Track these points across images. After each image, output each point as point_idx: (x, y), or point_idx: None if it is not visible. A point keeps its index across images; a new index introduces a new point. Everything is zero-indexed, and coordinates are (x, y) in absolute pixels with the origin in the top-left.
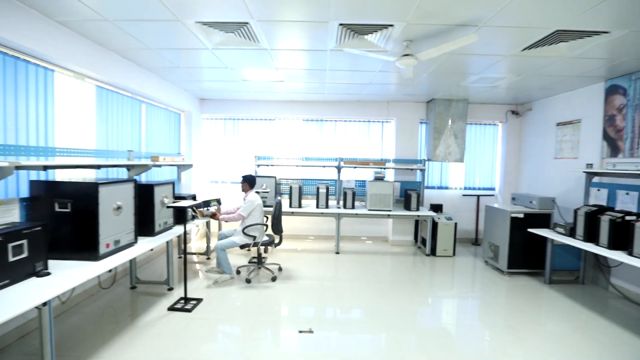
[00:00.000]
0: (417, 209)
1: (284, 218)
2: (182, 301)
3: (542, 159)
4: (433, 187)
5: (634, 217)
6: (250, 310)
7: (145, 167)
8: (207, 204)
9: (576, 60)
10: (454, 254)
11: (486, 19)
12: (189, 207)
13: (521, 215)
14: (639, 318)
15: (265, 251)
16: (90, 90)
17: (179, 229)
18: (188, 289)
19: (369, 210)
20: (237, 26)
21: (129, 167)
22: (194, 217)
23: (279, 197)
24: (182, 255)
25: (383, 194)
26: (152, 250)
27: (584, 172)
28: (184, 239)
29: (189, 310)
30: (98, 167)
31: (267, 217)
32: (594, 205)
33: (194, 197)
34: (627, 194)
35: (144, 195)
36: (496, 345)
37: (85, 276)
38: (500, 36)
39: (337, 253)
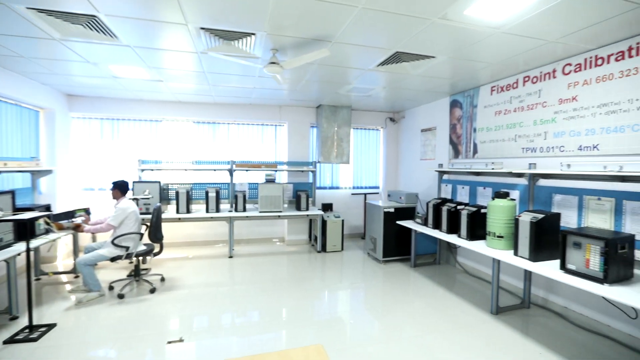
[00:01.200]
0: (307, 209)
1: (174, 225)
2: (27, 330)
3: (412, 160)
4: (325, 188)
5: (462, 207)
6: (118, 328)
7: None
8: (70, 214)
9: (424, 78)
10: (342, 248)
11: (335, 36)
12: (31, 219)
13: (392, 210)
14: (473, 287)
15: (144, 262)
16: None
17: (20, 246)
18: (44, 314)
19: (261, 212)
20: (85, 18)
21: None
22: (48, 231)
23: (158, 203)
24: (40, 277)
25: (274, 196)
26: None
27: (436, 170)
28: (28, 256)
29: (34, 340)
30: None
31: (147, 225)
32: (440, 199)
33: (47, 208)
34: (463, 188)
35: None
36: (377, 323)
37: None
38: (352, 52)
39: (231, 257)
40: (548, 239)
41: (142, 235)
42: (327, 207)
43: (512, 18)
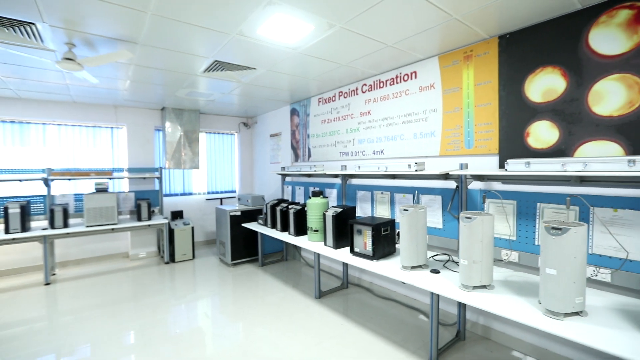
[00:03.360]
0: (150, 218)
1: None
2: None
3: (264, 163)
4: (176, 194)
5: (292, 206)
6: None
7: None
8: None
9: (262, 87)
10: (193, 257)
11: (139, 38)
12: None
13: (238, 213)
14: (312, 277)
15: None
16: None
17: None
18: None
19: (88, 226)
20: None
21: None
22: None
23: None
24: None
25: (105, 207)
26: None
27: (277, 174)
28: None
29: None
30: None
31: None
32: (278, 200)
33: None
34: (300, 188)
35: None
36: (238, 323)
37: None
38: (168, 57)
39: (48, 284)
40: (346, 229)
41: None
42: (177, 215)
43: (301, 42)
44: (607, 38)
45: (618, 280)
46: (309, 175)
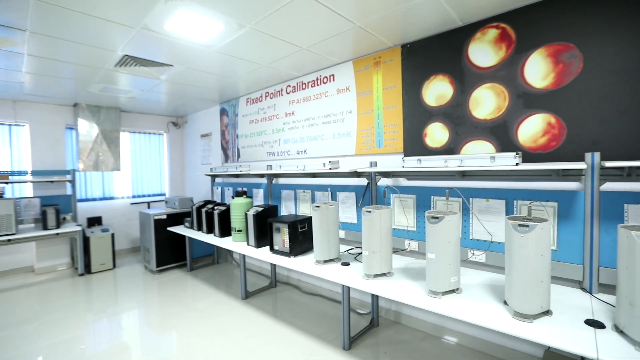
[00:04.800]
0: (58, 226)
1: None
2: None
3: (196, 164)
4: (94, 199)
5: (217, 208)
6: None
7: None
8: None
9: (191, 86)
10: (114, 266)
11: (27, 26)
12: None
13: (164, 217)
14: (239, 277)
15: None
16: None
17: None
18: None
19: None
20: None
21: None
22: None
23: None
24: None
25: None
26: None
27: (206, 174)
28: None
29: None
30: None
31: None
32: (205, 201)
33: None
34: (229, 189)
35: None
36: (165, 334)
37: None
38: (65, 49)
39: None
40: (267, 228)
41: None
42: (94, 222)
43: (214, 41)
44: (481, 52)
45: (491, 260)
46: (237, 176)
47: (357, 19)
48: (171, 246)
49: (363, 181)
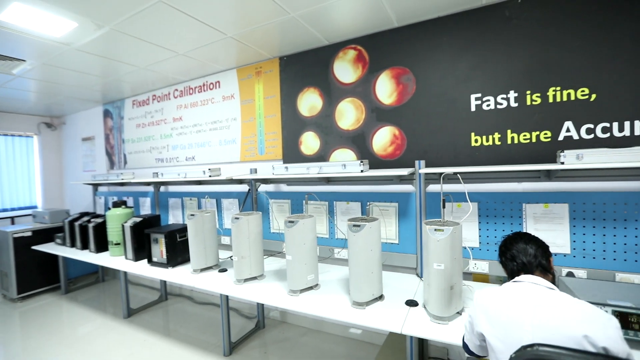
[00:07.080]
0: None
1: None
2: None
3: (76, 172)
4: None
5: (93, 220)
6: None
7: None
8: None
9: (63, 85)
10: None
11: None
12: None
13: (28, 234)
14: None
15: None
16: None
17: None
18: None
19: None
20: None
21: None
22: None
23: None
24: None
25: None
26: None
27: (85, 183)
28: None
29: None
30: None
31: None
32: (81, 213)
33: None
34: (113, 199)
35: None
36: None
37: None
38: None
39: None
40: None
41: None
42: None
43: (70, 38)
44: (344, 69)
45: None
46: (122, 184)
47: (226, 29)
48: (39, 268)
49: (245, 188)
